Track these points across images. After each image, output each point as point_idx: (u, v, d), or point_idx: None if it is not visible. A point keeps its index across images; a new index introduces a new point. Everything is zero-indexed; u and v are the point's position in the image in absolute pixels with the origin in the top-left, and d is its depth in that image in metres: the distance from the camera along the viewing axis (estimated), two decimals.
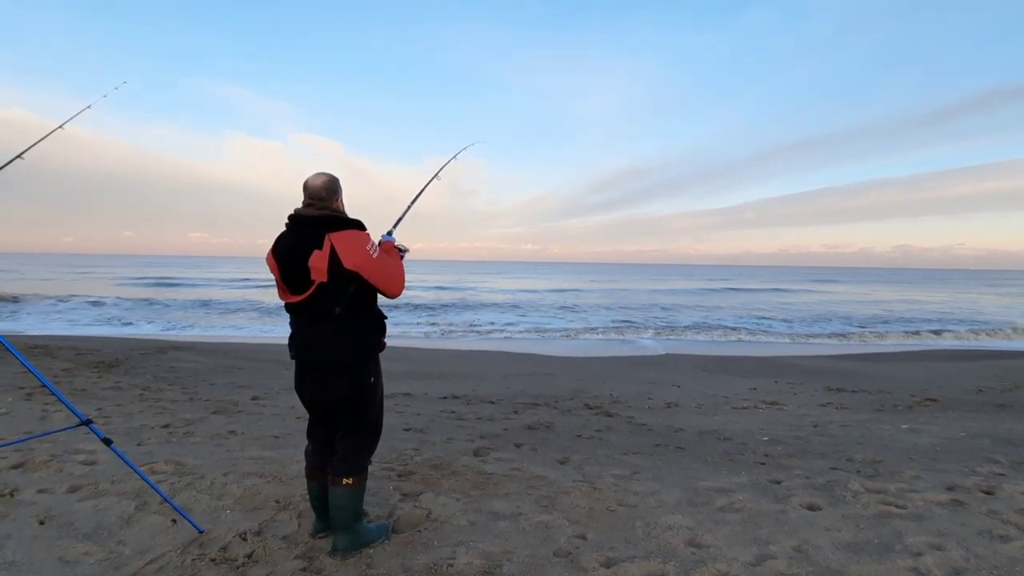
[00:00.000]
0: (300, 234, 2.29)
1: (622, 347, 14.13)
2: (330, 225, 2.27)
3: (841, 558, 2.40)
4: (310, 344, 2.35)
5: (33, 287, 27.95)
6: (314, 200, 2.33)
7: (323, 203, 2.33)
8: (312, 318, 2.32)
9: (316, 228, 2.26)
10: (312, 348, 2.35)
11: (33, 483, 2.99)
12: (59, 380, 6.48)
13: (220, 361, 9.14)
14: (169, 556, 2.29)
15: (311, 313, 2.31)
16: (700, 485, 3.30)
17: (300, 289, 2.27)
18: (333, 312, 2.26)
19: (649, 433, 4.93)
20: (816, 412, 6.16)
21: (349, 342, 2.33)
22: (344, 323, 2.30)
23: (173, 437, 4.15)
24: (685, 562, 2.36)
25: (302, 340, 2.37)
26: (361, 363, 2.38)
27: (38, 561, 2.24)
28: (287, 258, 2.29)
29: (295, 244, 2.28)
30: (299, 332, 2.38)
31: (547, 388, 7.59)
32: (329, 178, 2.37)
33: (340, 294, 2.25)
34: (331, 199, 2.35)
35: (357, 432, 2.45)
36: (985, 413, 6.03)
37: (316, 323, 2.32)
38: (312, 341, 2.34)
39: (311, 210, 2.33)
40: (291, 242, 2.30)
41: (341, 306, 2.26)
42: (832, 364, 10.79)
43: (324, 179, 2.35)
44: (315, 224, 2.28)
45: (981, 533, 2.64)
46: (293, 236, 2.31)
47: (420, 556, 2.37)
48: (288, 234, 2.34)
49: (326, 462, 2.47)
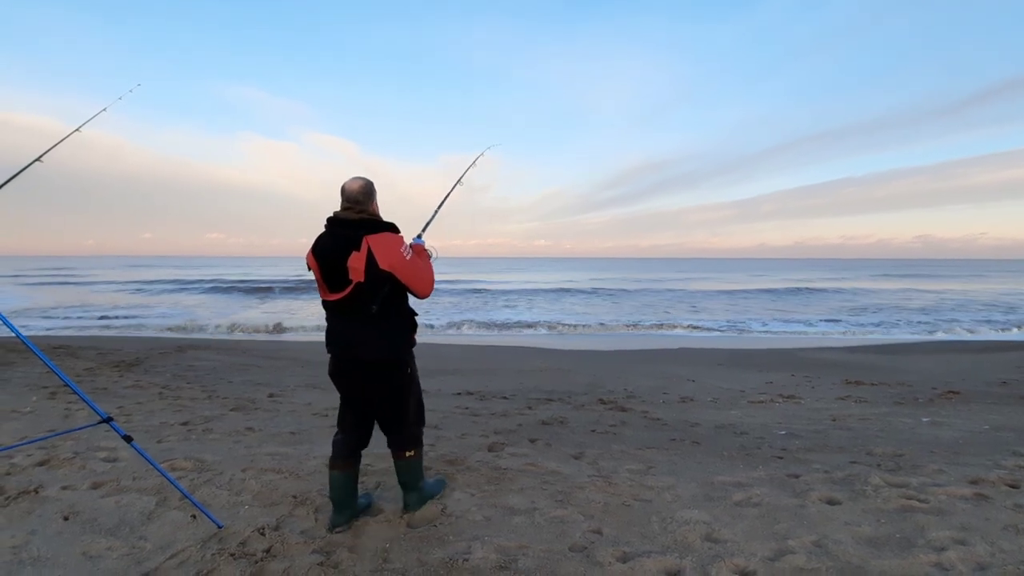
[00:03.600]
0: (339, 236, 2.44)
1: (636, 341, 14.06)
2: (367, 228, 2.43)
3: (862, 553, 2.36)
4: (348, 340, 2.51)
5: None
6: (352, 204, 2.49)
7: (360, 206, 2.49)
8: (349, 315, 2.47)
9: (355, 231, 2.42)
10: (350, 344, 2.51)
11: (57, 480, 3.06)
12: (81, 379, 6.61)
13: (238, 360, 9.26)
14: (189, 551, 2.33)
15: (348, 310, 2.46)
16: (716, 480, 3.27)
17: (339, 287, 2.43)
18: (369, 310, 2.42)
19: (664, 428, 4.89)
20: (834, 406, 6.07)
21: (384, 338, 2.50)
22: (379, 320, 2.46)
23: (192, 434, 4.21)
24: (702, 557, 2.34)
25: (340, 336, 2.53)
26: (397, 357, 2.56)
27: (63, 556, 2.29)
28: (327, 259, 2.44)
29: (335, 245, 2.43)
30: (337, 328, 2.54)
31: (561, 383, 7.58)
32: (365, 182, 2.52)
33: (375, 293, 2.41)
34: (367, 202, 2.51)
35: (405, 415, 2.66)
36: (1009, 406, 5.90)
37: (353, 320, 2.48)
38: (349, 337, 2.50)
39: (350, 213, 2.48)
40: (331, 243, 2.45)
41: (376, 304, 2.42)
42: (849, 357, 10.63)
43: (361, 183, 2.50)
44: (354, 227, 2.44)
45: (1006, 528, 2.58)
46: (333, 238, 2.46)
47: (436, 551, 2.38)
48: (327, 236, 2.49)
49: (353, 452, 2.67)
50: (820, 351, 11.66)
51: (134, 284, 33.86)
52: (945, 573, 2.21)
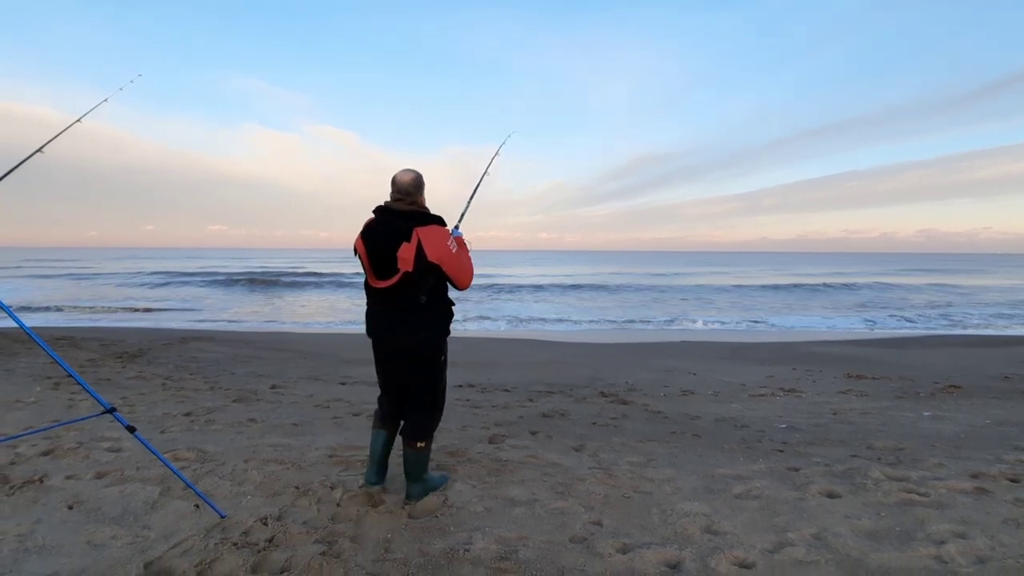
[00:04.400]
0: (390, 225, 2.53)
1: (637, 335, 14.06)
2: (418, 220, 2.53)
3: (861, 546, 2.37)
4: (391, 326, 2.62)
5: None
6: (403, 195, 2.57)
7: (411, 198, 2.58)
8: (395, 303, 2.58)
9: (405, 221, 2.51)
10: (393, 330, 2.62)
11: (61, 469, 3.08)
12: (84, 370, 6.64)
13: (240, 351, 9.29)
14: (193, 540, 2.34)
15: (395, 299, 2.56)
16: (717, 472, 3.28)
17: (387, 275, 2.53)
18: (417, 299, 2.53)
19: (665, 420, 4.90)
20: (835, 399, 6.07)
21: (425, 326, 2.61)
22: (421, 309, 2.56)
23: (195, 425, 4.23)
24: (702, 549, 2.35)
25: (383, 322, 2.65)
26: (435, 344, 2.67)
27: (67, 545, 2.31)
28: (377, 246, 2.54)
29: (385, 234, 2.53)
30: (380, 315, 2.65)
31: (562, 376, 7.60)
32: (416, 175, 2.60)
33: (422, 283, 2.51)
34: (417, 194, 2.59)
35: (425, 405, 2.78)
36: (1011, 400, 5.90)
37: (398, 308, 2.58)
38: (393, 324, 2.61)
39: (401, 204, 2.57)
40: (382, 232, 2.55)
41: (425, 295, 2.53)
42: (852, 351, 10.62)
43: (412, 176, 2.59)
44: (405, 218, 2.53)
45: (1007, 521, 2.59)
46: (384, 226, 2.55)
47: (437, 541, 2.40)
48: (379, 224, 2.58)
49: (396, 418, 2.85)
50: (822, 344, 11.65)
51: (136, 276, 33.93)
52: (944, 566, 2.21)
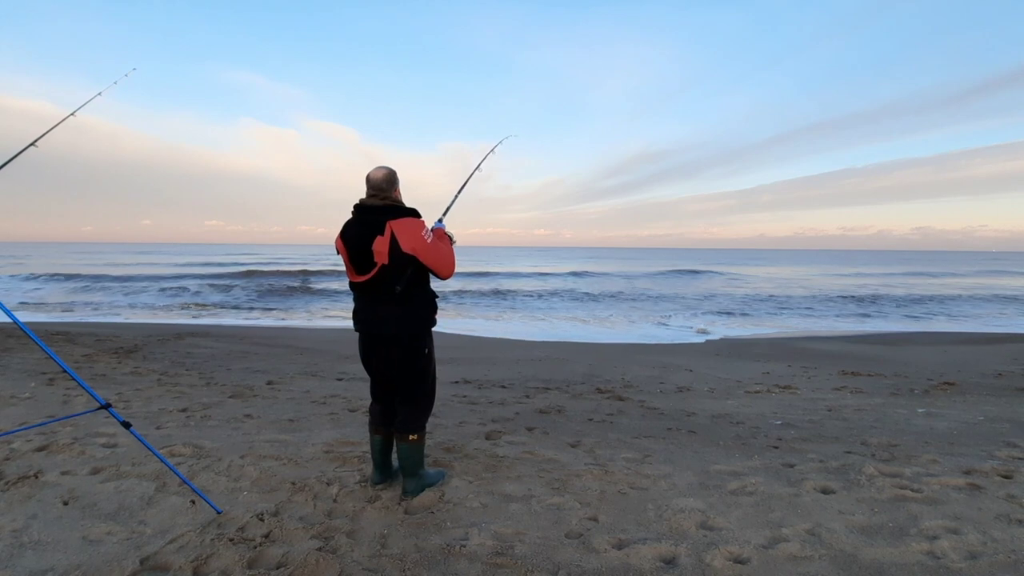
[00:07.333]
0: (365, 222, 2.60)
1: (634, 332, 14.09)
2: (391, 213, 2.59)
3: (855, 541, 2.39)
4: (373, 319, 2.68)
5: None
6: (376, 191, 2.65)
7: (384, 193, 2.64)
8: (375, 296, 2.65)
9: (378, 216, 2.58)
10: (375, 323, 2.68)
11: (56, 465, 3.07)
12: (80, 366, 6.62)
13: (236, 347, 9.27)
14: (188, 536, 2.34)
15: (374, 291, 2.63)
16: (712, 468, 3.30)
17: (365, 270, 2.60)
18: (394, 291, 2.58)
19: (661, 417, 4.92)
20: (830, 396, 6.10)
21: (407, 317, 2.67)
22: (402, 301, 2.62)
23: (191, 421, 4.22)
24: (697, 544, 2.37)
25: (366, 316, 2.70)
26: (417, 336, 2.72)
27: (63, 540, 2.30)
28: (354, 243, 2.61)
29: (360, 231, 2.60)
30: (363, 308, 2.71)
31: (559, 372, 7.61)
32: (388, 171, 2.68)
33: (399, 275, 2.57)
34: (390, 189, 2.66)
35: (416, 397, 2.81)
36: (1004, 397, 5.94)
37: (378, 300, 2.65)
38: (375, 316, 2.67)
39: (374, 200, 2.64)
40: (357, 229, 2.62)
41: (400, 285, 2.57)
42: (847, 348, 10.67)
43: (384, 172, 2.66)
44: (378, 213, 2.60)
45: (999, 517, 2.61)
46: (359, 224, 2.63)
47: (433, 537, 2.40)
48: (354, 222, 2.66)
49: (389, 420, 2.87)
50: (818, 341, 11.70)
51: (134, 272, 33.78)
52: (937, 561, 2.23)
